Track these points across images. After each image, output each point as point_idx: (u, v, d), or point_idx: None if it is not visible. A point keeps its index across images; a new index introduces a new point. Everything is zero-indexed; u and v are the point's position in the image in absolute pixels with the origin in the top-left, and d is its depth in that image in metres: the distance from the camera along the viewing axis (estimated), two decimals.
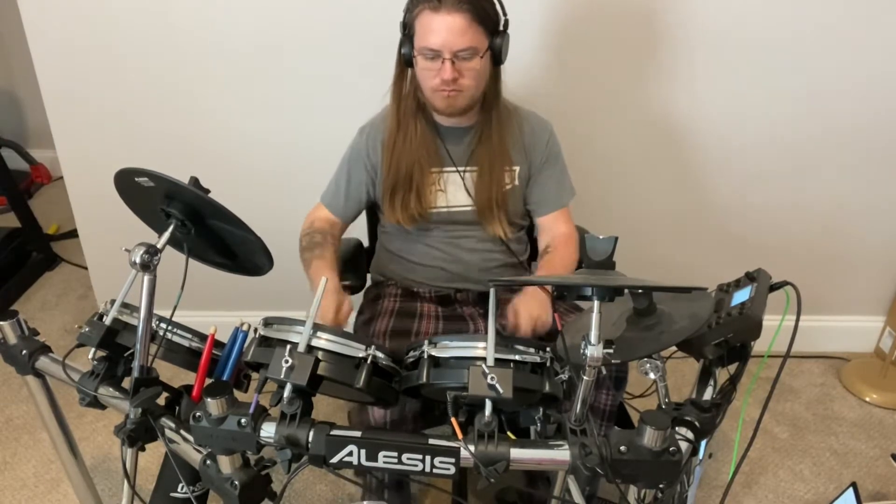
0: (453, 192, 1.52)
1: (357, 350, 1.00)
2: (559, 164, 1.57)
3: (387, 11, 1.45)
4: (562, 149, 1.58)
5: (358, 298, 1.68)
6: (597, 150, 2.06)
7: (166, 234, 1.08)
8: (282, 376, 0.93)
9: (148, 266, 1.03)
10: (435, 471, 0.91)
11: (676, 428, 0.96)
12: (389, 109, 1.48)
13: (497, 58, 1.38)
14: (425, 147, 1.47)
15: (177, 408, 1.10)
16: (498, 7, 1.35)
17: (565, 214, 1.58)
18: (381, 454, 0.91)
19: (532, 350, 1.01)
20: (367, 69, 1.88)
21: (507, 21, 1.37)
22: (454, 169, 1.50)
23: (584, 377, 0.90)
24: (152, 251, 1.03)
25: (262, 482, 1.02)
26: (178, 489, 1.36)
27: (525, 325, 1.31)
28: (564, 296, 0.95)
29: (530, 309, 1.33)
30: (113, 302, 1.16)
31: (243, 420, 0.94)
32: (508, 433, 0.93)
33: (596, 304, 0.88)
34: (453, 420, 0.92)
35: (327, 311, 1.29)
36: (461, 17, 1.28)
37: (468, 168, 1.51)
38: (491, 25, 1.34)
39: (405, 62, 1.39)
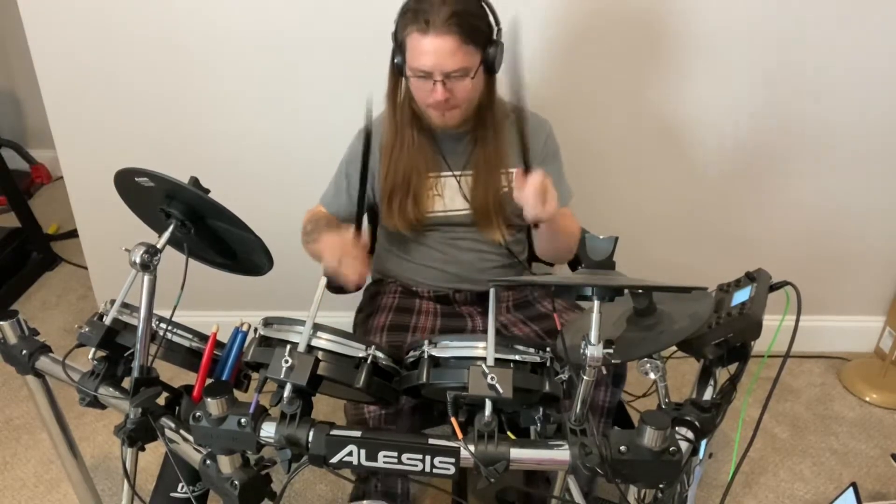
0: (450, 196, 1.51)
1: (357, 350, 1.00)
2: (557, 164, 1.56)
3: (385, 15, 1.44)
4: (560, 149, 1.57)
5: (358, 297, 1.69)
6: (597, 150, 2.06)
7: (166, 234, 1.08)
8: (282, 376, 0.93)
9: (148, 266, 1.03)
10: (435, 471, 0.91)
11: (676, 428, 0.96)
12: (386, 116, 1.48)
13: (490, 68, 1.35)
14: (422, 153, 1.47)
15: (177, 408, 1.10)
16: (490, 17, 1.32)
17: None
18: (380, 454, 0.91)
19: (532, 350, 1.01)
20: (366, 71, 1.88)
21: (500, 30, 1.34)
22: (450, 173, 1.50)
23: (584, 377, 0.90)
24: (152, 251, 1.03)
25: (262, 482, 1.02)
26: (178, 489, 1.36)
27: (535, 180, 1.23)
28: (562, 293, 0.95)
29: (543, 178, 1.25)
30: (113, 302, 1.16)
31: (243, 420, 0.94)
32: (508, 433, 0.93)
33: (596, 304, 0.88)
34: (453, 420, 0.92)
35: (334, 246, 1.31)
36: (450, 39, 1.25)
37: (464, 172, 1.51)
38: (482, 40, 1.31)
39: (398, 71, 1.37)
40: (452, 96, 1.33)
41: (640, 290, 1.04)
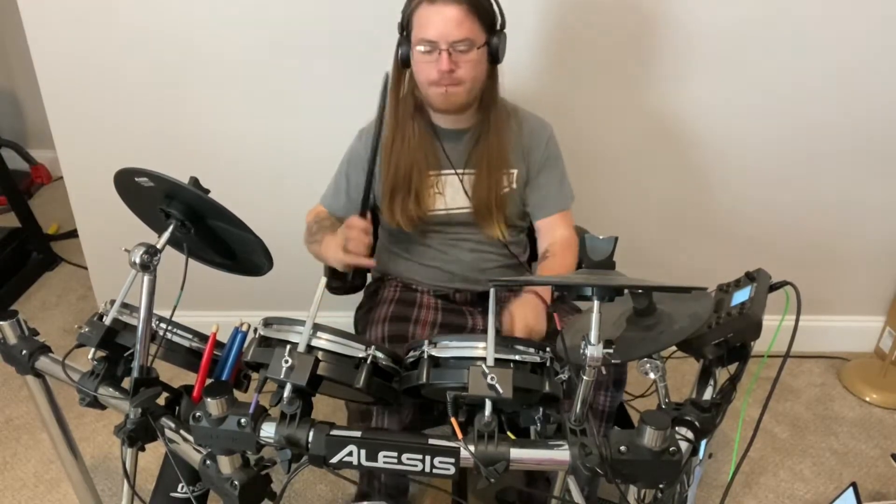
0: (451, 194, 1.51)
1: (357, 350, 1.00)
2: (559, 167, 1.56)
3: (385, 13, 1.45)
4: (561, 152, 1.57)
5: (358, 297, 1.69)
6: (597, 149, 2.06)
7: (166, 234, 1.08)
8: (282, 376, 0.93)
9: (148, 266, 1.03)
10: (435, 471, 0.91)
11: (676, 428, 0.96)
12: (387, 111, 1.48)
13: (494, 57, 1.38)
14: (423, 149, 1.47)
15: (177, 408, 1.10)
16: (495, 6, 1.35)
17: (566, 218, 1.57)
18: (380, 454, 0.91)
19: (532, 350, 1.00)
20: (366, 70, 1.88)
21: (504, 21, 1.37)
22: (452, 171, 1.50)
23: (584, 377, 0.90)
24: (152, 251, 1.03)
25: (262, 482, 1.02)
26: (178, 489, 1.36)
27: (520, 333, 1.31)
28: (564, 296, 0.95)
29: (526, 316, 1.32)
30: (113, 302, 1.16)
31: (243, 420, 0.94)
32: (508, 433, 0.93)
33: (596, 304, 0.88)
34: (453, 420, 0.92)
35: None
36: (457, 9, 1.29)
37: (467, 171, 1.51)
38: (488, 20, 1.34)
39: (402, 63, 1.39)
40: (457, 68, 1.33)
41: (640, 290, 1.04)
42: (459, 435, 0.91)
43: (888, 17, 1.86)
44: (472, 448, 0.90)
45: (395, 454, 0.91)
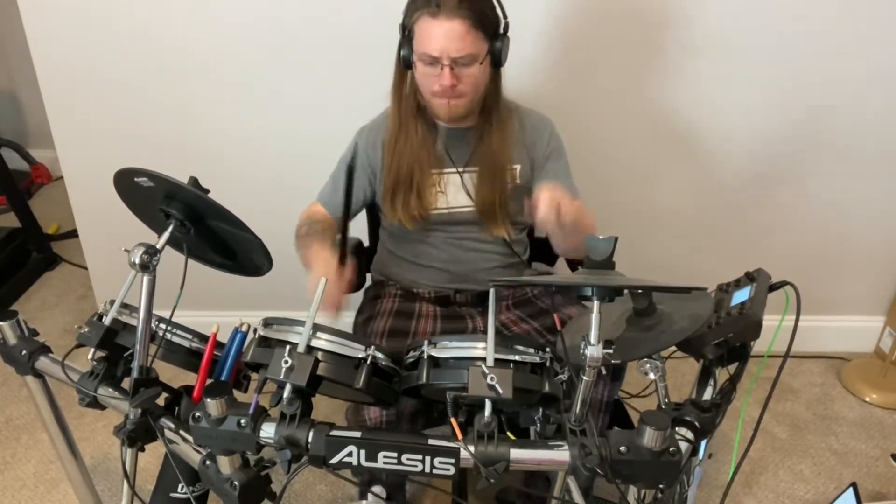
0: (453, 193, 1.51)
1: (357, 350, 1.00)
2: (563, 161, 1.56)
3: (385, 13, 1.44)
4: (564, 146, 1.57)
5: (358, 297, 1.69)
6: (597, 149, 2.05)
7: (166, 235, 1.08)
8: (281, 377, 0.93)
9: (147, 266, 1.03)
10: (434, 471, 0.91)
11: (676, 428, 0.96)
12: (390, 110, 1.48)
13: (497, 61, 1.37)
14: (425, 148, 1.47)
15: (176, 408, 1.10)
16: (498, 10, 1.34)
17: None
18: (380, 454, 0.91)
19: (532, 350, 1.00)
20: (365, 70, 1.88)
21: (507, 24, 1.36)
22: (454, 170, 1.50)
23: (584, 377, 0.90)
24: (152, 251, 1.03)
25: (262, 482, 1.02)
26: (178, 489, 1.36)
27: (547, 201, 1.19)
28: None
29: (552, 191, 1.20)
30: (112, 302, 1.16)
31: (243, 421, 0.93)
32: (508, 433, 0.93)
33: (596, 304, 0.88)
34: (453, 420, 0.92)
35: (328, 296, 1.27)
36: (460, 23, 1.26)
37: (468, 169, 1.51)
38: (490, 30, 1.32)
39: (404, 64, 1.38)
40: (459, 83, 1.33)
41: (640, 290, 1.04)
42: (459, 435, 0.91)
43: (893, 18, 1.86)
44: (471, 448, 0.90)
45: (395, 454, 0.91)
